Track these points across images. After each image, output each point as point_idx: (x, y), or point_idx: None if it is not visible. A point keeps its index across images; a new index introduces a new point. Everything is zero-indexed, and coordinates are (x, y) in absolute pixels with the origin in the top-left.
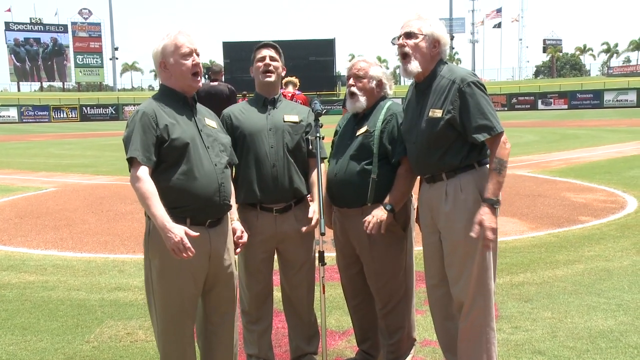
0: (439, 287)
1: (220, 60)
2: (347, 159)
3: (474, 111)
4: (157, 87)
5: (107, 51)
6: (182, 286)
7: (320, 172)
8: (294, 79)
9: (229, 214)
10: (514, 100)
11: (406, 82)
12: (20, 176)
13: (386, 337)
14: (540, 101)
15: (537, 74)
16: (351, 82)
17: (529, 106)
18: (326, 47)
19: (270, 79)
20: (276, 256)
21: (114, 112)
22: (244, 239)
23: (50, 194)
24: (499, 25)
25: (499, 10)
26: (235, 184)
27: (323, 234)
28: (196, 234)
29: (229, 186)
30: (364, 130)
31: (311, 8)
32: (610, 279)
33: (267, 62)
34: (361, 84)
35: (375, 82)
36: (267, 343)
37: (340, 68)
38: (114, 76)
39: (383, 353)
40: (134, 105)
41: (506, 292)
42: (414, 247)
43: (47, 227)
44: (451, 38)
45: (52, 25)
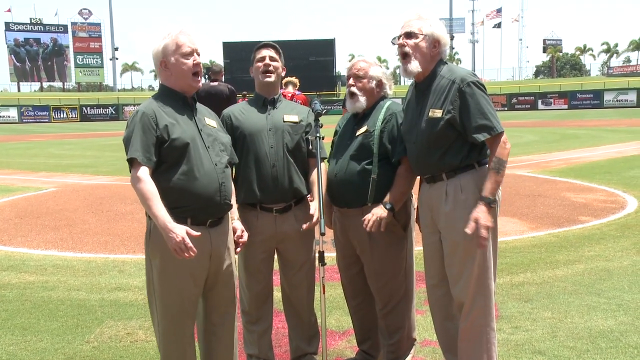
0: (439, 287)
1: (220, 61)
2: (347, 159)
3: (474, 111)
4: (157, 87)
5: (107, 51)
6: (182, 286)
7: (321, 172)
8: (294, 79)
9: (229, 213)
10: (514, 100)
11: (406, 82)
12: (21, 176)
13: (386, 337)
14: (540, 101)
15: (537, 74)
16: (351, 82)
17: (529, 106)
18: (326, 47)
19: (270, 79)
20: (276, 256)
21: (114, 113)
22: (244, 238)
23: (50, 194)
24: (499, 25)
25: (499, 10)
26: (235, 184)
27: (323, 234)
28: (198, 234)
29: (230, 185)
30: (363, 130)
31: (311, 8)
32: (610, 279)
33: (266, 62)
34: (361, 84)
35: (375, 82)
36: (267, 343)
37: (340, 68)
38: (114, 76)
39: (383, 353)
40: (134, 105)
41: (506, 292)
42: (414, 247)
43: (47, 227)
44: (451, 38)
45: (52, 26)
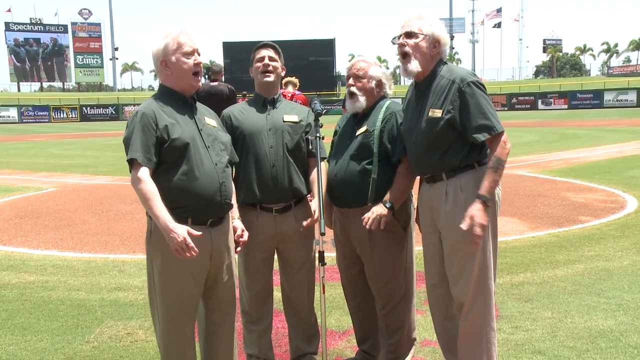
0: (439, 287)
1: (220, 61)
2: (347, 159)
3: (474, 111)
4: (157, 87)
5: (107, 51)
6: (183, 286)
7: (321, 172)
8: (293, 79)
9: (230, 212)
10: (514, 100)
11: (406, 82)
12: (20, 176)
13: (386, 337)
14: (540, 101)
15: (537, 74)
16: (351, 82)
17: (529, 106)
18: (326, 47)
19: (270, 79)
20: (276, 256)
21: (114, 112)
22: (244, 237)
23: (50, 194)
24: (499, 25)
25: (499, 10)
26: (235, 183)
27: (323, 234)
28: (199, 234)
29: (230, 185)
30: (363, 130)
31: (311, 8)
32: (610, 279)
33: (266, 62)
34: (361, 83)
35: (374, 82)
36: (267, 343)
37: (340, 68)
38: (114, 76)
39: (383, 353)
40: (134, 105)
41: (506, 292)
42: (414, 247)
43: (47, 227)
44: (451, 38)
45: (52, 26)
